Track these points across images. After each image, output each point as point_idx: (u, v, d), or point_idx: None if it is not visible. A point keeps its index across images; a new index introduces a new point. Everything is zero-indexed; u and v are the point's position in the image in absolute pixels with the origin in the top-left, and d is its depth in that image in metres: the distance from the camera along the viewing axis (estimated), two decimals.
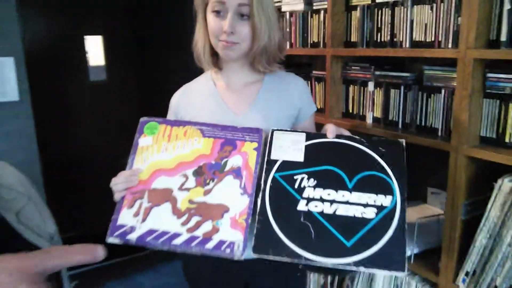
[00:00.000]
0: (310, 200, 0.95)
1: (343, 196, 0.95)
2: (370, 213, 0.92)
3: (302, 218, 0.93)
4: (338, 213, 0.93)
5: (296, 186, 0.97)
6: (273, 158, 1.01)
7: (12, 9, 2.18)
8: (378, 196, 0.94)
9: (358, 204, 0.94)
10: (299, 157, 1.00)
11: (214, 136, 1.05)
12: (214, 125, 1.07)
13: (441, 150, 1.34)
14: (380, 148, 0.99)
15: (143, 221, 0.96)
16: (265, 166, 1.01)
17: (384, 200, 0.93)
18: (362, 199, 0.94)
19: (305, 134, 1.04)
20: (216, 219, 0.94)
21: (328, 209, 0.93)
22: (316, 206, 0.94)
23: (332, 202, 0.94)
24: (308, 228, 0.91)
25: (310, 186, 0.96)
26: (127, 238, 0.95)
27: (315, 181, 0.97)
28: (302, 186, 0.96)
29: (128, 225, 0.96)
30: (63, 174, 3.42)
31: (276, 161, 1.01)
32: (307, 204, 0.94)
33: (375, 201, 0.93)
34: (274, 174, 0.99)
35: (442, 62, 1.37)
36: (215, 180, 0.99)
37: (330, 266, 0.88)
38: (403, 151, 0.99)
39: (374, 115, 1.63)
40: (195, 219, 0.95)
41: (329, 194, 0.95)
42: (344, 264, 0.88)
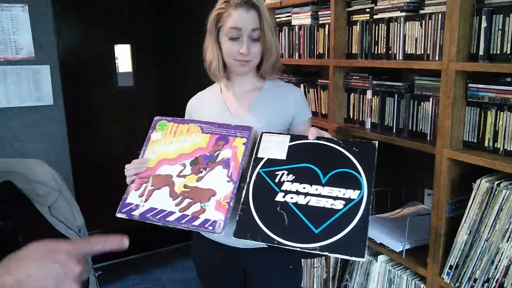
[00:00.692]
0: (287, 192, 1.09)
1: (316, 189, 1.08)
2: (339, 204, 1.04)
3: (279, 207, 1.07)
4: (310, 204, 1.06)
5: (276, 180, 1.11)
6: (259, 156, 1.17)
7: (49, 21, 2.40)
8: (347, 190, 1.06)
9: (329, 196, 1.06)
10: (282, 155, 1.15)
11: (211, 132, 1.23)
12: (212, 123, 1.25)
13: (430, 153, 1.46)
14: (354, 148, 1.12)
15: (146, 201, 1.16)
16: (252, 163, 1.16)
17: (352, 193, 1.05)
18: (333, 193, 1.06)
19: (289, 136, 1.19)
20: (204, 202, 1.12)
21: (302, 200, 1.07)
22: (291, 198, 1.08)
23: (306, 194, 1.07)
24: (283, 216, 1.05)
25: (288, 181, 1.11)
26: (132, 214, 1.15)
27: (294, 176, 1.11)
28: (282, 180, 1.11)
29: (134, 203, 1.17)
30: (91, 173, 3.66)
31: (262, 158, 1.16)
32: (284, 196, 1.08)
33: (344, 194, 1.05)
34: (259, 170, 1.14)
35: (431, 73, 1.49)
36: (207, 169, 1.17)
37: (298, 250, 1.00)
38: (375, 151, 1.11)
39: (372, 121, 1.76)
40: (187, 201, 1.13)
41: (304, 188, 1.09)
42: (311, 248, 0.99)
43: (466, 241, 1.35)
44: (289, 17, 2.20)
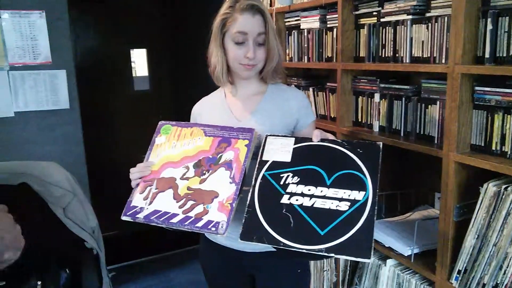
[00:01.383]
0: (292, 194, 1.10)
1: (321, 191, 1.08)
2: (344, 206, 1.05)
3: (284, 209, 1.07)
4: (315, 206, 1.06)
5: (281, 183, 1.12)
6: (264, 159, 1.18)
7: (66, 27, 2.46)
8: (352, 191, 1.06)
9: (334, 198, 1.06)
10: (287, 158, 1.16)
11: (214, 135, 1.25)
12: (215, 126, 1.27)
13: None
14: (358, 149, 1.12)
15: (150, 203, 1.19)
16: (257, 165, 1.17)
17: (357, 195, 1.05)
18: (338, 194, 1.07)
19: (293, 139, 1.20)
20: (207, 203, 1.13)
21: (307, 202, 1.07)
22: (297, 200, 1.08)
23: (311, 196, 1.08)
24: (288, 218, 1.06)
25: (293, 183, 1.11)
26: (137, 216, 1.18)
27: (298, 178, 1.12)
28: (287, 182, 1.12)
29: (138, 206, 1.19)
30: (106, 175, 3.72)
31: (267, 161, 1.17)
32: (290, 198, 1.09)
33: (349, 195, 1.06)
34: (264, 172, 1.15)
35: (438, 76, 1.48)
36: (210, 171, 1.19)
37: (304, 251, 1.01)
38: (379, 152, 1.11)
39: (380, 124, 1.76)
40: (190, 203, 1.15)
41: (309, 190, 1.09)
42: (317, 250, 1.00)
43: (474, 245, 1.33)
44: (298, 21, 2.21)
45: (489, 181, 1.30)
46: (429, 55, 1.49)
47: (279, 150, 1.18)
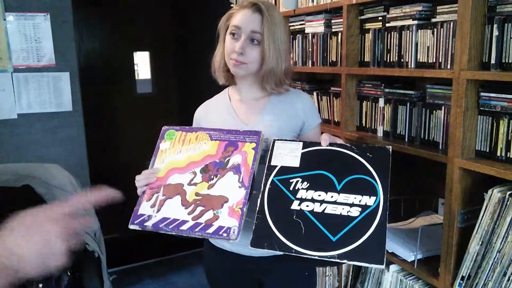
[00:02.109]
0: (302, 200, 1.09)
1: (332, 197, 1.07)
2: (355, 211, 1.04)
3: (295, 216, 1.06)
4: (326, 211, 1.05)
5: (291, 188, 1.11)
6: (273, 164, 1.17)
7: (70, 29, 2.47)
8: (363, 196, 1.06)
9: (344, 204, 1.06)
10: (296, 163, 1.15)
11: (220, 139, 1.23)
12: (221, 130, 1.26)
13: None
14: (368, 153, 1.11)
15: (158, 211, 1.16)
16: (265, 171, 1.16)
17: (368, 200, 1.05)
18: (348, 200, 1.06)
19: (302, 143, 1.19)
20: (216, 209, 1.12)
21: (317, 208, 1.06)
22: (307, 206, 1.07)
23: (321, 202, 1.07)
24: (299, 224, 1.05)
25: (303, 188, 1.10)
26: (145, 225, 1.15)
27: (308, 183, 1.11)
28: (296, 188, 1.11)
29: (146, 214, 1.17)
30: (109, 178, 3.72)
31: (275, 166, 1.16)
32: (300, 204, 1.08)
33: (360, 201, 1.05)
34: (273, 178, 1.14)
35: (444, 81, 1.48)
36: (218, 176, 1.17)
37: (317, 258, 1.00)
38: (389, 156, 1.10)
39: (384, 129, 1.75)
40: (200, 209, 1.13)
41: (319, 195, 1.08)
42: (329, 256, 0.99)
43: (478, 252, 1.33)
44: (302, 25, 2.21)
45: (493, 187, 1.29)
46: (434, 61, 1.49)
47: (288, 155, 1.17)
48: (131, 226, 1.17)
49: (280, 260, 1.29)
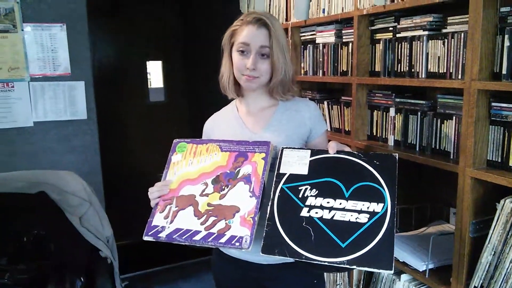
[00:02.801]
0: (311, 207, 1.11)
1: (340, 204, 1.10)
2: (363, 218, 1.06)
3: (304, 222, 1.09)
4: (335, 218, 1.08)
5: (300, 196, 1.13)
6: (281, 171, 1.19)
7: (85, 39, 2.52)
8: (371, 203, 1.08)
9: (353, 210, 1.08)
10: (304, 170, 1.17)
11: (230, 150, 1.26)
12: (230, 141, 1.28)
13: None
14: (375, 161, 1.13)
15: (171, 222, 1.19)
16: (274, 178, 1.18)
17: (376, 207, 1.07)
18: (357, 206, 1.08)
19: (310, 151, 1.21)
20: (228, 218, 1.14)
21: (326, 215, 1.09)
22: (316, 213, 1.10)
23: (330, 209, 1.09)
24: (309, 231, 1.07)
25: (312, 196, 1.13)
26: (159, 236, 1.18)
27: (317, 191, 1.13)
28: (305, 195, 1.13)
29: (159, 225, 1.19)
30: (122, 184, 3.76)
31: (284, 174, 1.19)
32: (309, 211, 1.10)
33: (368, 207, 1.07)
34: (282, 185, 1.17)
35: (455, 91, 1.49)
36: (229, 186, 1.20)
37: (326, 264, 1.02)
38: (396, 164, 1.12)
39: (395, 138, 1.76)
40: (212, 219, 1.15)
41: (328, 202, 1.11)
42: (338, 262, 1.01)
43: (491, 262, 1.32)
44: (313, 35, 2.23)
45: (505, 197, 1.29)
46: (445, 71, 1.50)
47: (296, 163, 1.19)
48: (145, 238, 1.19)
49: (288, 267, 1.30)
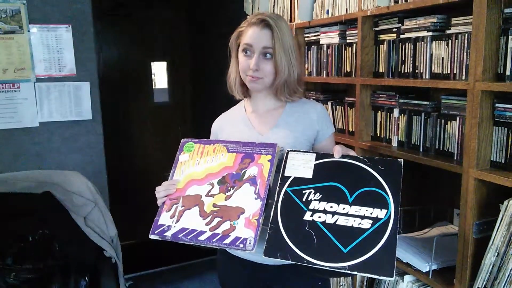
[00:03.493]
0: (314, 211, 1.10)
1: (344, 208, 1.09)
2: (366, 224, 1.05)
3: (307, 226, 1.08)
4: (338, 223, 1.07)
5: (304, 199, 1.13)
6: (286, 174, 1.19)
7: (90, 40, 2.54)
8: (374, 209, 1.07)
9: (356, 216, 1.07)
10: (309, 174, 1.17)
11: (237, 151, 1.26)
12: (237, 142, 1.28)
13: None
14: (380, 166, 1.13)
15: (177, 221, 1.19)
16: (279, 181, 1.18)
17: (379, 212, 1.06)
18: (360, 212, 1.07)
19: (315, 155, 1.20)
20: (233, 220, 1.14)
21: (329, 219, 1.08)
22: (319, 217, 1.09)
23: (333, 213, 1.09)
24: (311, 235, 1.07)
25: (315, 200, 1.12)
26: (165, 235, 1.18)
27: (320, 195, 1.12)
28: (309, 199, 1.13)
29: (165, 224, 1.20)
30: (126, 184, 3.78)
31: (289, 177, 1.18)
32: (312, 215, 1.10)
33: (372, 213, 1.06)
34: (286, 188, 1.16)
35: (458, 92, 1.49)
36: (235, 187, 1.20)
37: (328, 269, 1.02)
38: (401, 169, 1.11)
39: (399, 139, 1.76)
40: (217, 220, 1.16)
41: (331, 207, 1.10)
42: (340, 267, 1.01)
43: (494, 263, 1.32)
44: (317, 36, 2.24)
45: (509, 198, 1.29)
46: (449, 72, 1.50)
47: (301, 166, 1.19)
48: (151, 236, 1.20)
49: (292, 268, 1.30)
